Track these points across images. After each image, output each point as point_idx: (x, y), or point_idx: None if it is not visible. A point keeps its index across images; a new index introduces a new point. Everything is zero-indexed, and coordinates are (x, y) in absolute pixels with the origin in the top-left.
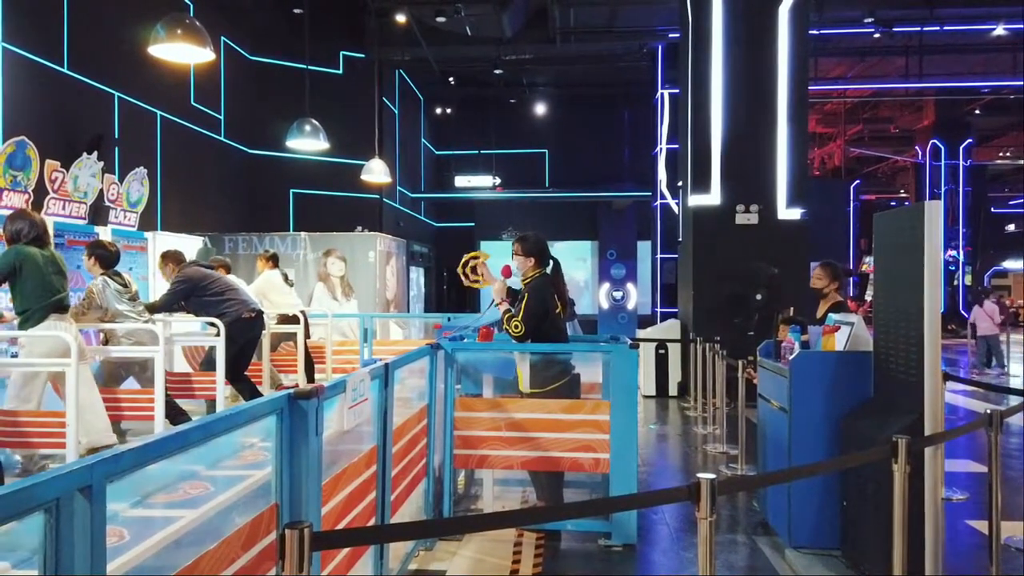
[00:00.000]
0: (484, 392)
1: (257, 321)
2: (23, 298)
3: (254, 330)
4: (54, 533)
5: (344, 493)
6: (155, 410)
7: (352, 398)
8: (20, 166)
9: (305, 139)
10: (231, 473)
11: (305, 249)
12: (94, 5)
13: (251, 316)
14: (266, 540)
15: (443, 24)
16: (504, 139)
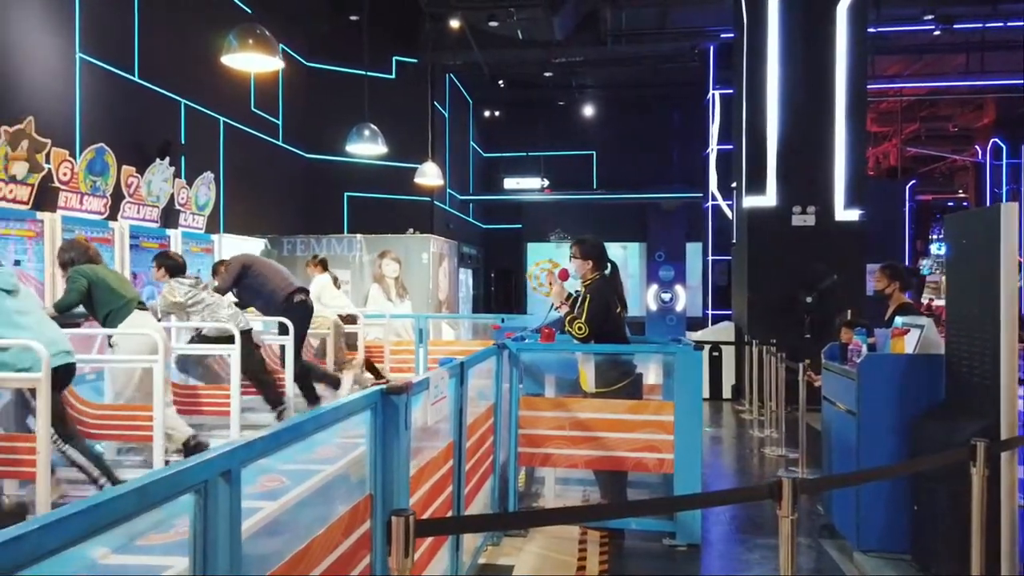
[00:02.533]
0: (546, 392)
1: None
2: (102, 305)
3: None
4: (202, 512)
5: (427, 486)
6: (230, 406)
7: (434, 395)
8: (99, 172)
9: (364, 143)
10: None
11: (361, 251)
12: (161, 17)
13: (303, 298)
14: (362, 528)
15: (495, 28)
16: (552, 141)
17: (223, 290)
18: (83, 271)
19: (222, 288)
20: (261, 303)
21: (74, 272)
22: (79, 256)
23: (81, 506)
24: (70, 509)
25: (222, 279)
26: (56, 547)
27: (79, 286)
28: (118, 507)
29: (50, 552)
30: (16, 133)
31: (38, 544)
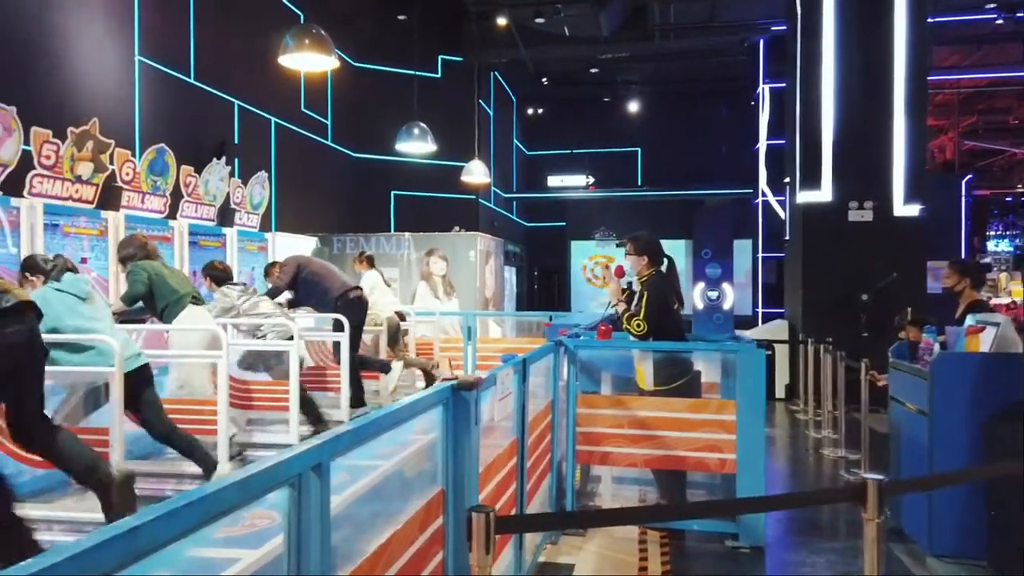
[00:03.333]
0: (602, 389)
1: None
2: (159, 299)
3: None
4: (296, 505)
5: (493, 483)
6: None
7: (500, 391)
8: (159, 172)
9: (413, 142)
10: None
11: (409, 249)
12: (215, 20)
13: (357, 295)
14: (435, 524)
15: (541, 25)
16: (597, 138)
17: (280, 289)
18: (142, 266)
19: (280, 287)
20: (315, 301)
21: (134, 267)
22: (138, 252)
23: (189, 499)
24: (178, 502)
25: (278, 279)
26: (168, 539)
27: (142, 279)
28: (222, 500)
29: (163, 544)
30: (82, 134)
31: (152, 537)
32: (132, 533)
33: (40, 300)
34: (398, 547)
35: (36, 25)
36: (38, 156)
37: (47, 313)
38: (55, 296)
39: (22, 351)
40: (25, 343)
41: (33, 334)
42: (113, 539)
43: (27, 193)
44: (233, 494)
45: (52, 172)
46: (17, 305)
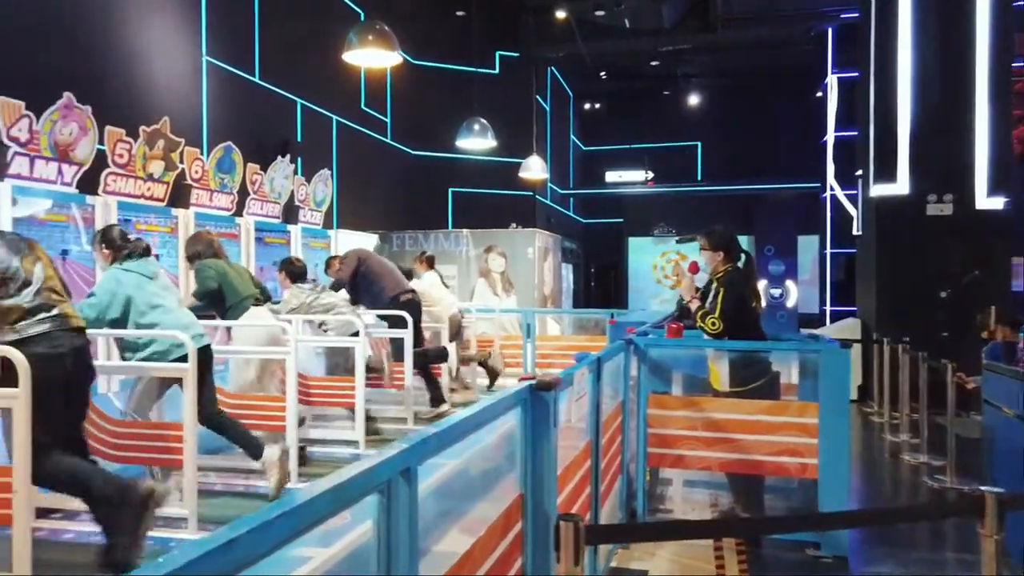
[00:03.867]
0: (673, 390)
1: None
2: (227, 297)
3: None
4: (386, 511)
5: (569, 487)
6: (355, 398)
7: (577, 391)
8: (227, 170)
9: (474, 138)
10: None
11: (467, 246)
12: (279, 20)
13: (410, 297)
14: (515, 529)
15: (601, 18)
16: (655, 132)
17: (342, 283)
18: (209, 264)
19: (341, 281)
20: (369, 300)
21: (201, 265)
22: (205, 250)
23: (283, 509)
24: (271, 513)
25: (339, 272)
26: (264, 552)
27: (210, 275)
28: (315, 508)
29: (259, 557)
30: (153, 133)
31: (248, 550)
32: (229, 546)
33: (112, 281)
34: (480, 554)
35: (110, 28)
36: (112, 155)
37: (116, 293)
38: (124, 276)
39: (68, 364)
40: (71, 357)
41: (81, 353)
42: (211, 553)
43: (102, 191)
44: (326, 502)
45: (125, 170)
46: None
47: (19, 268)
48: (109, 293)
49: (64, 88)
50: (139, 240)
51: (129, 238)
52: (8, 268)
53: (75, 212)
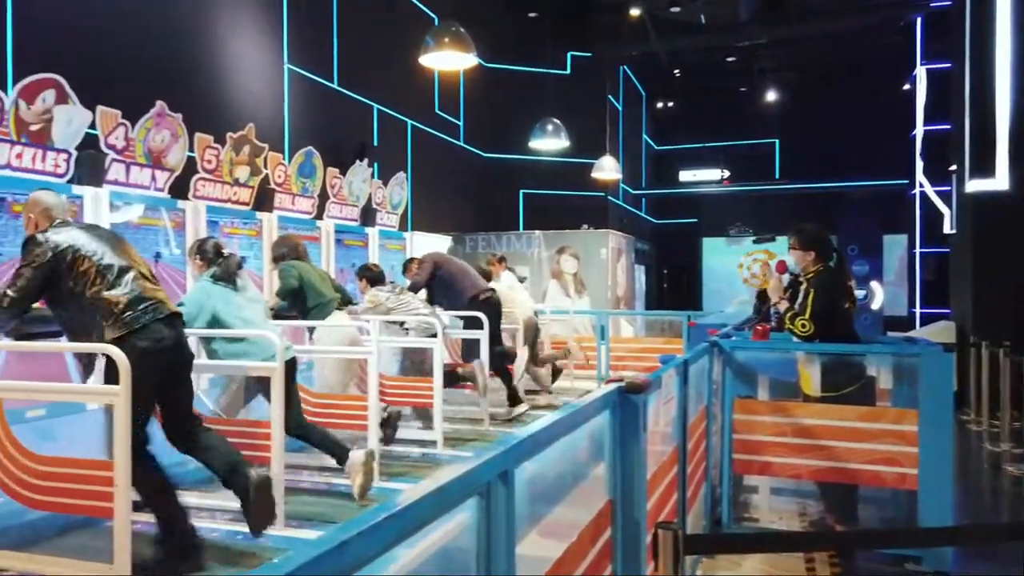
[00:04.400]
0: (759, 394)
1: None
2: (309, 298)
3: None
4: (486, 514)
5: (657, 493)
6: (432, 397)
7: (664, 395)
8: (308, 174)
9: (547, 139)
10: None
11: (540, 247)
12: (356, 26)
13: (488, 295)
14: (604, 536)
15: (676, 14)
16: (731, 130)
17: (419, 286)
18: (293, 265)
19: (418, 284)
20: (448, 301)
21: (285, 266)
22: (289, 253)
23: (389, 511)
24: (379, 515)
25: (416, 275)
26: (373, 554)
27: (293, 274)
28: (421, 510)
29: (368, 559)
30: (239, 139)
31: (358, 552)
32: (342, 548)
33: (202, 292)
34: (573, 560)
35: (199, 38)
36: (201, 160)
37: (204, 305)
38: (212, 288)
39: (171, 355)
40: (174, 348)
41: (180, 341)
42: (326, 554)
43: (191, 196)
44: (430, 505)
45: (213, 176)
46: (168, 315)
47: (113, 261)
48: (197, 305)
49: (157, 97)
50: (232, 256)
51: (223, 252)
52: (101, 261)
53: (165, 216)
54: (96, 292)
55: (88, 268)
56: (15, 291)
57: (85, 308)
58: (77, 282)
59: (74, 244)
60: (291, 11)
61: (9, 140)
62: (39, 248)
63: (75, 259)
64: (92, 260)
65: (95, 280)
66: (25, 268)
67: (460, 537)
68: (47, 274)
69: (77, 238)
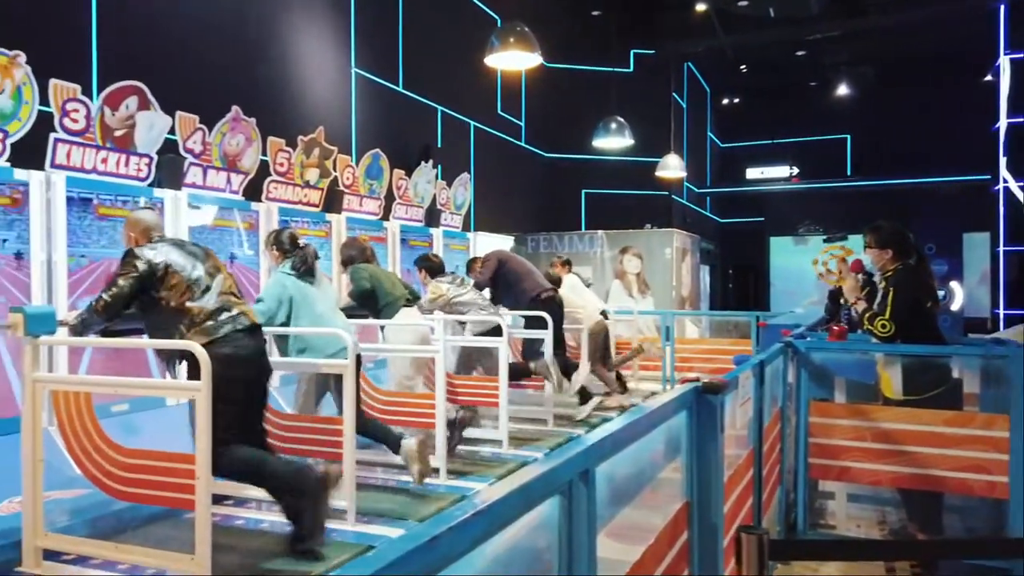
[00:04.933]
0: (835, 397)
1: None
2: (380, 297)
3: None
4: (567, 513)
5: (733, 496)
6: (499, 397)
7: (741, 396)
8: (375, 176)
9: (611, 137)
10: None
11: (602, 247)
12: (421, 29)
13: (550, 295)
14: (681, 539)
15: (744, 9)
16: (800, 126)
17: (482, 284)
18: (363, 267)
19: (482, 282)
20: (511, 300)
21: (354, 269)
22: (358, 255)
23: (475, 508)
24: (466, 510)
25: (480, 274)
26: (465, 549)
27: (365, 275)
28: (506, 508)
29: (458, 555)
30: (309, 142)
31: (449, 547)
32: (432, 543)
33: (278, 285)
34: (652, 561)
35: (271, 44)
36: (273, 163)
37: (282, 298)
38: (288, 280)
39: (252, 365)
40: (255, 358)
41: (261, 351)
42: (417, 550)
43: (264, 198)
44: (516, 502)
45: (285, 178)
46: (249, 326)
47: (201, 276)
48: (275, 299)
49: (232, 102)
50: (308, 246)
51: (299, 243)
52: (190, 276)
53: (237, 217)
54: (181, 302)
55: (177, 282)
56: (109, 296)
57: (170, 317)
58: (166, 293)
59: (166, 260)
60: (358, 16)
61: (95, 145)
62: (134, 261)
63: (166, 273)
64: (181, 275)
65: (183, 292)
66: (119, 277)
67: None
68: (138, 285)
69: (169, 254)
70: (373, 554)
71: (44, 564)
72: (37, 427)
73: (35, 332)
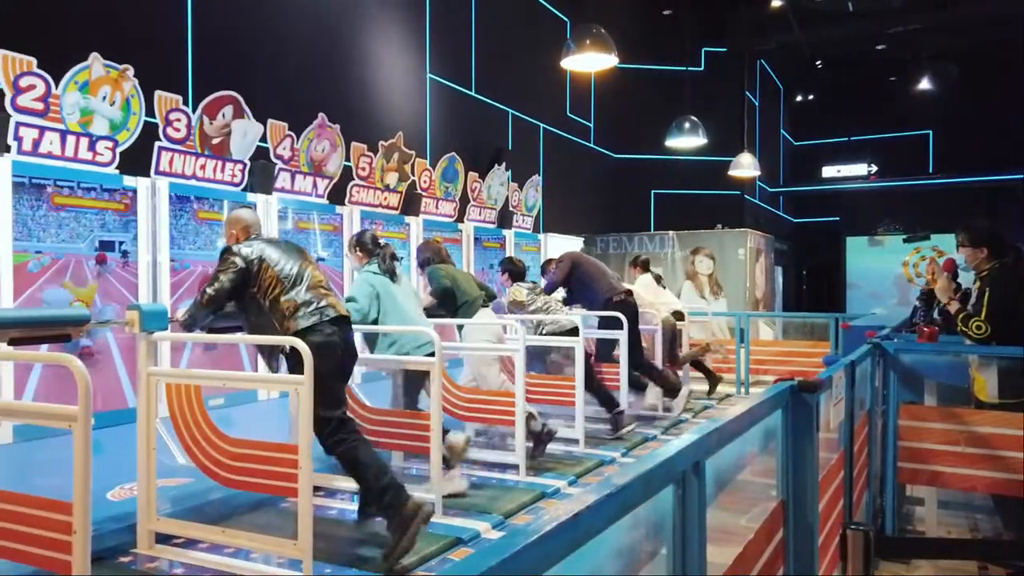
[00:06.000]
0: (925, 400)
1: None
2: (458, 296)
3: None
4: (681, 503)
5: (826, 497)
6: (575, 396)
7: (835, 396)
8: (450, 179)
9: (684, 137)
10: None
11: (673, 247)
12: (492, 34)
13: (623, 297)
14: (776, 537)
15: (821, 3)
16: (878, 122)
17: (555, 285)
18: (440, 268)
19: (555, 283)
20: (586, 302)
21: (432, 269)
22: (434, 257)
23: (609, 489)
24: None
25: (553, 275)
26: (599, 528)
27: (443, 275)
28: (633, 493)
29: (596, 532)
30: (389, 147)
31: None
32: (575, 520)
33: (365, 284)
34: (751, 558)
35: (352, 53)
36: (355, 168)
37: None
38: (374, 278)
39: (339, 351)
40: (341, 345)
41: (348, 340)
42: (562, 526)
43: (347, 201)
44: (639, 487)
45: (366, 182)
46: (336, 317)
47: (292, 270)
48: (365, 296)
49: (318, 110)
50: (388, 245)
51: (380, 243)
52: (282, 270)
53: (315, 219)
54: (275, 296)
55: (271, 276)
56: (212, 291)
57: (264, 310)
58: (261, 288)
59: (262, 255)
60: (433, 23)
61: (194, 153)
62: (233, 257)
63: (261, 268)
64: (275, 270)
65: (275, 286)
66: (220, 273)
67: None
68: (237, 279)
69: (264, 250)
70: (524, 526)
71: (156, 547)
72: (151, 418)
73: (149, 328)
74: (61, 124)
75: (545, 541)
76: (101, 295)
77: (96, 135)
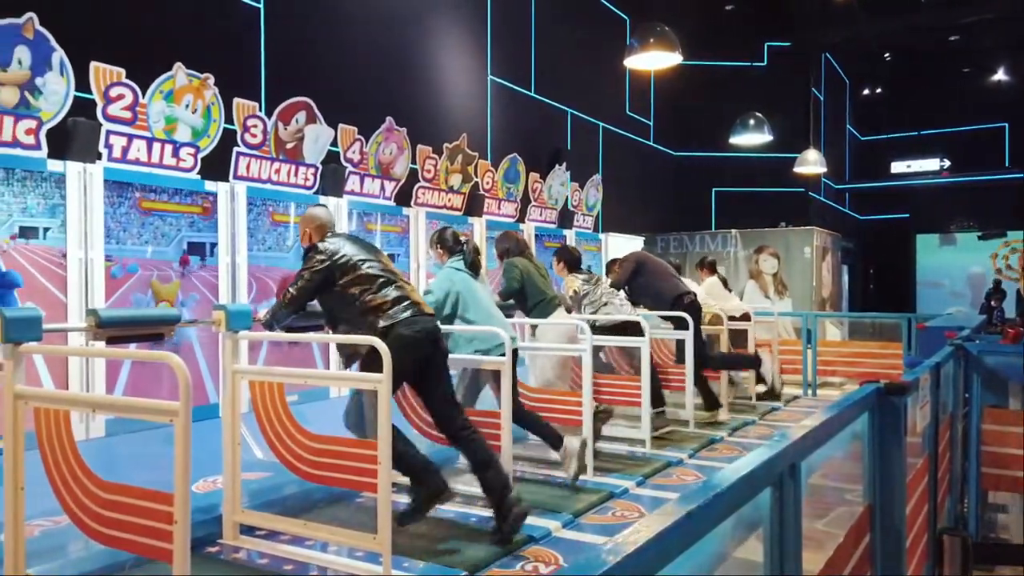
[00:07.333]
0: (1010, 403)
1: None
2: (531, 295)
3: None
4: (778, 505)
5: (911, 503)
6: (641, 397)
7: (921, 399)
8: (512, 179)
9: (749, 134)
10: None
11: (736, 246)
12: (551, 35)
13: (691, 299)
14: (864, 542)
15: None
16: (950, 116)
17: (618, 285)
18: (517, 261)
19: (618, 283)
20: (650, 302)
21: (508, 264)
22: (514, 248)
23: (717, 488)
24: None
25: (617, 275)
26: (707, 528)
27: (515, 275)
28: (739, 493)
29: (707, 530)
30: (453, 149)
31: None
32: (689, 518)
33: (446, 280)
34: (840, 563)
35: (418, 57)
36: (421, 170)
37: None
38: (455, 275)
39: (426, 347)
40: (429, 338)
41: (436, 333)
42: (677, 524)
43: (413, 203)
44: (743, 488)
45: (431, 184)
46: (421, 313)
47: (376, 268)
48: (444, 291)
49: (385, 113)
50: (469, 242)
51: (461, 240)
52: (366, 266)
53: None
54: (363, 293)
55: (357, 274)
56: (296, 290)
57: (351, 307)
58: (346, 285)
59: (346, 253)
60: (494, 26)
61: (269, 158)
62: (319, 255)
63: (345, 265)
64: (359, 267)
65: (362, 283)
66: (305, 271)
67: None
68: (323, 277)
69: (347, 247)
70: (638, 523)
71: (240, 537)
72: (236, 414)
73: (235, 328)
74: (147, 132)
75: (661, 539)
76: (182, 294)
77: (180, 142)
